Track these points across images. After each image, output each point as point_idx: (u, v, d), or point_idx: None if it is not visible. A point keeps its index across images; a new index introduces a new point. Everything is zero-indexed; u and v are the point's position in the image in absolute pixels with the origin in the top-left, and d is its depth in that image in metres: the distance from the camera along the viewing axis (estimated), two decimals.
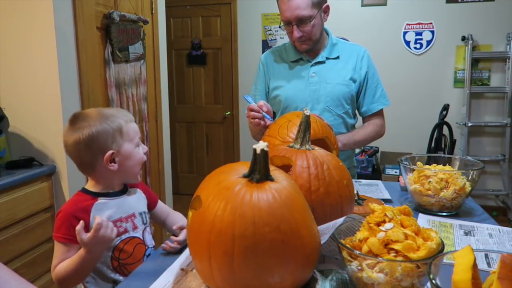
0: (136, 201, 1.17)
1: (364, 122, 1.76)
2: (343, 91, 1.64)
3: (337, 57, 1.68)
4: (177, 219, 1.25)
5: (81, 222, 0.98)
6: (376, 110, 1.70)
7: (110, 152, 1.06)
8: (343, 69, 1.66)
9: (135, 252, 1.11)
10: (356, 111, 1.77)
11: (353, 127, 1.74)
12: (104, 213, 1.06)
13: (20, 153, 2.01)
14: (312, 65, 1.66)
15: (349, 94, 1.66)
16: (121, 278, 1.08)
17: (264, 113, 1.42)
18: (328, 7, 1.62)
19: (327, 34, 1.70)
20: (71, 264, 1.00)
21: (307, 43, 1.60)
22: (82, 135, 1.03)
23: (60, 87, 1.96)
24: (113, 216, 1.07)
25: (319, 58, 1.66)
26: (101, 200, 1.08)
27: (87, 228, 1.02)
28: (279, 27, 1.63)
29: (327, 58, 1.67)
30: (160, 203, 1.27)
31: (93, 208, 1.06)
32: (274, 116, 1.73)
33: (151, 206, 1.22)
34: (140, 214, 1.15)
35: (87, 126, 1.04)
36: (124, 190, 1.15)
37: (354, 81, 1.66)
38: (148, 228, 1.18)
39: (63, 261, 1.01)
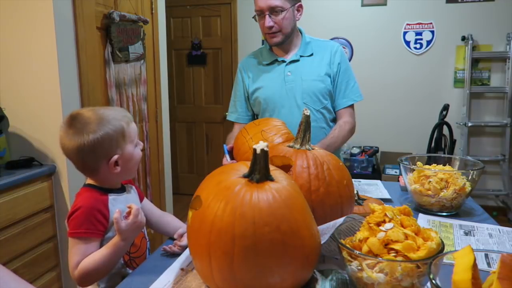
0: (135, 197, 1.19)
1: (336, 116, 1.77)
2: (318, 87, 1.69)
3: (311, 55, 1.73)
4: (175, 223, 1.25)
5: (118, 210, 0.98)
6: (346, 105, 1.73)
7: (115, 157, 1.05)
8: (318, 65, 1.71)
9: (142, 245, 1.14)
10: None
11: (333, 120, 1.77)
12: (118, 207, 1.06)
13: (20, 153, 2.01)
14: (287, 65, 1.71)
15: (326, 89, 1.70)
16: (129, 271, 1.09)
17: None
18: (301, 6, 1.68)
19: (301, 33, 1.76)
20: (102, 255, 0.99)
21: (277, 36, 1.64)
22: (86, 141, 1.01)
23: (60, 87, 1.95)
24: (124, 211, 1.06)
25: (293, 57, 1.71)
26: (112, 195, 1.09)
27: (107, 221, 1.04)
28: (253, 17, 1.68)
29: (301, 56, 1.72)
30: (148, 202, 1.27)
31: (109, 202, 1.07)
32: (256, 117, 1.81)
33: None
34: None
35: (91, 131, 1.01)
36: (123, 187, 1.16)
37: (329, 76, 1.71)
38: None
39: (86, 256, 1.00)
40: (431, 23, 3.76)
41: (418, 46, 3.82)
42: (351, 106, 1.75)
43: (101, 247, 1.02)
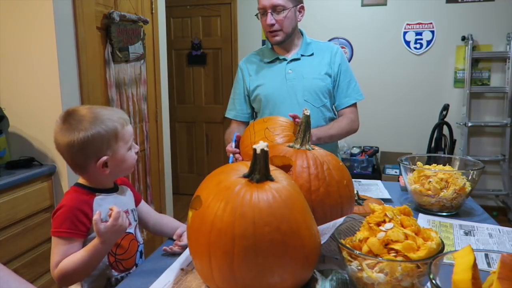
0: (128, 198, 1.18)
1: (338, 116, 1.81)
2: (319, 85, 1.71)
3: (312, 54, 1.76)
4: (173, 223, 1.25)
5: (98, 211, 0.97)
6: (349, 104, 1.76)
7: (104, 158, 1.04)
8: (318, 64, 1.74)
9: (130, 247, 1.12)
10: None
11: (332, 120, 1.79)
12: (104, 207, 1.05)
13: (20, 153, 2.01)
14: (288, 63, 1.74)
15: (325, 88, 1.73)
16: (115, 273, 1.08)
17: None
18: (303, 8, 1.72)
19: (302, 34, 1.80)
20: (81, 257, 0.98)
21: (279, 34, 1.67)
22: (76, 138, 1.00)
23: (60, 87, 1.95)
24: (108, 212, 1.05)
25: (294, 56, 1.75)
26: (99, 196, 1.08)
27: (90, 222, 1.02)
28: (255, 15, 1.72)
29: (302, 55, 1.75)
30: (145, 205, 1.27)
31: (95, 203, 1.05)
32: (255, 115, 1.84)
33: (135, 203, 1.22)
34: (132, 211, 1.17)
35: (83, 129, 1.01)
36: (115, 187, 1.15)
37: (329, 76, 1.73)
38: (138, 225, 1.19)
39: (67, 257, 0.99)
40: (431, 23, 3.76)
41: (418, 46, 3.81)
42: (354, 105, 1.78)
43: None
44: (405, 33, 3.83)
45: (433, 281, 0.63)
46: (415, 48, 3.82)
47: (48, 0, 1.89)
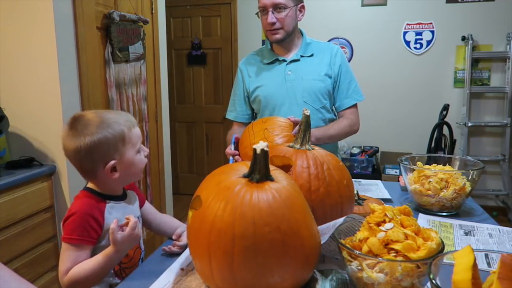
0: (135, 206, 1.17)
1: (338, 117, 1.80)
2: (319, 86, 1.71)
3: (311, 55, 1.75)
4: (173, 223, 1.25)
5: (116, 220, 0.96)
6: (349, 105, 1.75)
7: (112, 162, 1.03)
8: (318, 65, 1.73)
9: (135, 256, 1.12)
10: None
11: (332, 121, 1.78)
12: (114, 216, 1.04)
13: (20, 153, 2.01)
14: (287, 64, 1.74)
15: (325, 89, 1.72)
16: (117, 281, 1.07)
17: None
18: (303, 7, 1.71)
19: (302, 35, 1.79)
20: (93, 265, 0.97)
21: (279, 33, 1.66)
22: (83, 143, 0.99)
23: (60, 87, 1.95)
24: (121, 220, 1.03)
25: (294, 57, 1.74)
26: (109, 203, 1.07)
27: (101, 228, 1.02)
28: (256, 14, 1.71)
29: (302, 56, 1.74)
30: (149, 205, 1.26)
31: (106, 210, 1.05)
32: (255, 116, 1.84)
33: (140, 205, 1.22)
34: (138, 218, 1.15)
35: (89, 134, 1.00)
36: (124, 195, 1.14)
37: (329, 77, 1.73)
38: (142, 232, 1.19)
39: (77, 264, 0.98)
40: (431, 23, 3.76)
41: (418, 46, 3.81)
42: (354, 106, 1.77)
43: (92, 255, 1.00)
44: (405, 33, 3.83)
45: (433, 281, 0.63)
46: (415, 48, 3.82)
47: (48, 0, 1.89)
